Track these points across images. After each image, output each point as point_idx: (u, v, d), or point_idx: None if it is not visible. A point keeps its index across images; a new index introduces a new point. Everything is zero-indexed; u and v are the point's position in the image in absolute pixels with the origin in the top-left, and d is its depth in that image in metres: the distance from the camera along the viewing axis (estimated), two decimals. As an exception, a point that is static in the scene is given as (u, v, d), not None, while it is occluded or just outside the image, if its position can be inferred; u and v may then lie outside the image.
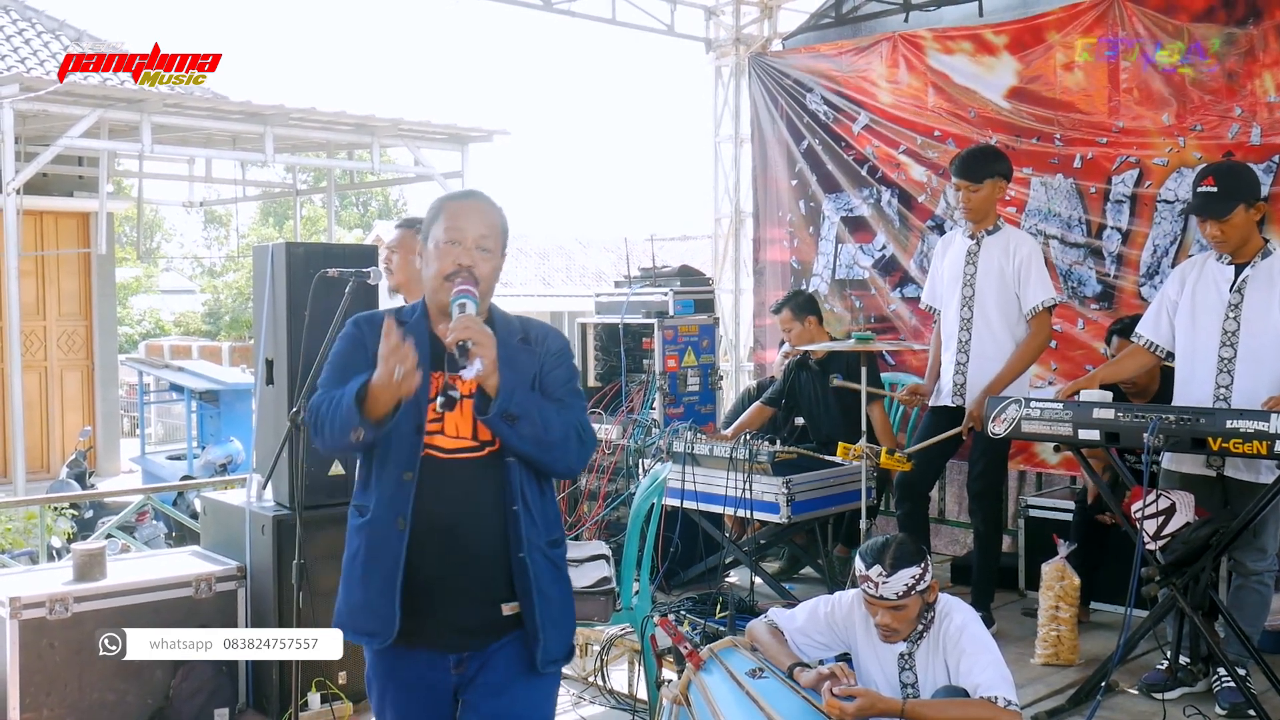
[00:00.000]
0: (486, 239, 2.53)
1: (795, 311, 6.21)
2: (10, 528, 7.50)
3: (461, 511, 2.47)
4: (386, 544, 2.47)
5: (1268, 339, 4.19)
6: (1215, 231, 4.23)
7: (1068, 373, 6.20)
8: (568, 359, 2.64)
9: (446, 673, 2.51)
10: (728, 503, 5.47)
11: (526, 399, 2.44)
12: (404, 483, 2.46)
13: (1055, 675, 4.71)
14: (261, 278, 4.60)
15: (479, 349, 2.34)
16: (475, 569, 2.47)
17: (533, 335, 2.61)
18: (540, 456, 2.49)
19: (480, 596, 2.48)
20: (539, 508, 2.54)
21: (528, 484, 2.51)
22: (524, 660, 2.50)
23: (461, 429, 2.50)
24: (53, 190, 12.82)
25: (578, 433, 2.53)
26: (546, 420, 2.45)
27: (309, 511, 3.80)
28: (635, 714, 4.27)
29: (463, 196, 2.65)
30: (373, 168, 11.45)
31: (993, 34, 6.53)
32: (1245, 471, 4.20)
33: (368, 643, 2.53)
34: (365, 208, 36.56)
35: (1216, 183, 4.21)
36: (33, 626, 4.10)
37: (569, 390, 2.59)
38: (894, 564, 3.24)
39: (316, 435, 2.51)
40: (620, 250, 7.75)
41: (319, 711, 4.37)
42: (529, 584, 2.47)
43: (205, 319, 32.51)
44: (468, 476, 2.49)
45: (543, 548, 2.53)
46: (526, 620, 2.48)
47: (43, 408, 13.26)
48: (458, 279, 2.48)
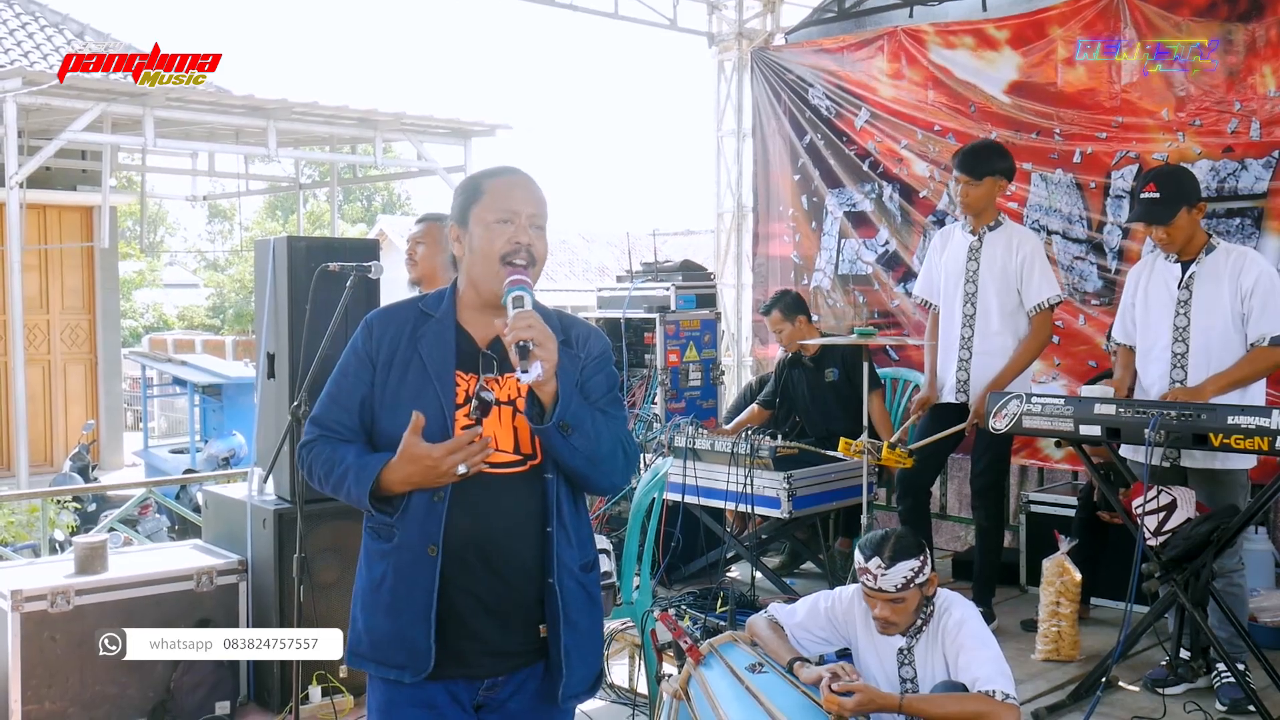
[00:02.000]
0: (538, 216, 2.35)
1: (784, 312, 6.18)
2: (13, 521, 7.51)
3: (496, 530, 2.26)
4: (418, 573, 2.24)
5: (1216, 333, 4.32)
6: (1161, 235, 4.38)
7: (1070, 369, 6.20)
8: (608, 363, 2.45)
9: (474, 695, 2.32)
10: (729, 497, 5.47)
11: (581, 408, 2.25)
12: (434, 505, 2.24)
13: (1056, 671, 4.71)
14: (263, 272, 4.60)
15: (541, 351, 2.14)
16: (513, 591, 2.28)
17: (574, 336, 2.39)
18: (588, 471, 2.29)
19: (516, 619, 2.29)
20: (574, 527, 2.35)
21: (565, 502, 2.33)
22: (550, 690, 2.33)
23: (502, 440, 2.28)
24: (56, 184, 12.82)
25: (623, 447, 2.35)
26: (598, 432, 2.27)
27: (310, 505, 3.81)
28: (635, 708, 4.27)
29: (505, 172, 2.39)
30: (376, 162, 11.44)
31: (995, 29, 6.53)
32: (1202, 460, 4.27)
33: (396, 675, 2.28)
34: (369, 202, 36.56)
35: (1158, 188, 4.35)
36: (34, 619, 4.11)
37: (610, 399, 2.40)
38: (893, 556, 3.25)
39: (310, 478, 2.34)
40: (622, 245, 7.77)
41: (320, 705, 4.38)
42: (557, 612, 2.28)
43: (209, 313, 32.53)
44: (505, 493, 2.28)
45: (575, 572, 2.34)
46: (552, 651, 2.30)
47: (46, 401, 13.27)
48: (516, 258, 2.29)
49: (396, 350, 2.33)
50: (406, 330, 2.35)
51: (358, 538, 4.45)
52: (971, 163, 5.11)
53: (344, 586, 4.41)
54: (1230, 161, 5.68)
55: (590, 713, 4.37)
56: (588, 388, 2.37)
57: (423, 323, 2.36)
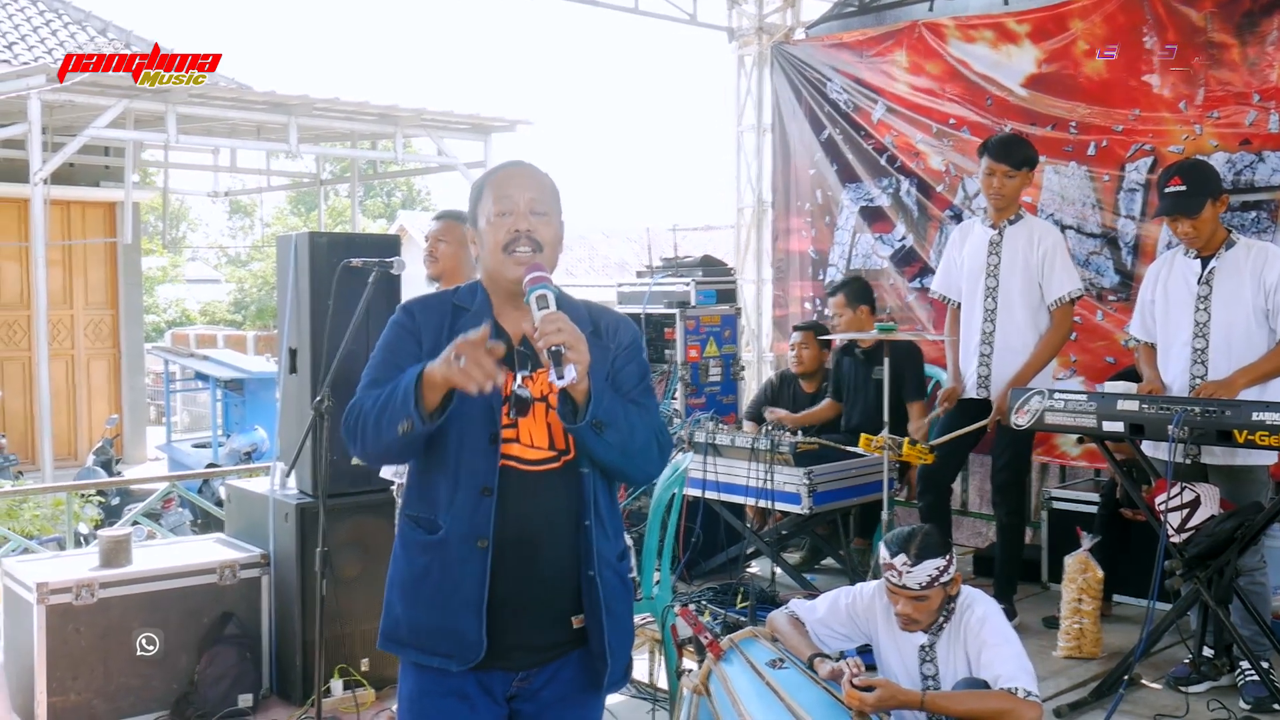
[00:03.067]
0: (538, 202, 2.33)
1: (849, 297, 6.13)
2: (38, 514, 7.57)
3: (537, 526, 2.28)
4: (466, 566, 2.25)
5: (1237, 328, 4.31)
6: (1187, 229, 4.37)
7: (1088, 364, 6.17)
8: (639, 353, 2.44)
9: (508, 687, 2.35)
10: (749, 493, 5.47)
11: (614, 404, 2.25)
12: (483, 499, 2.25)
13: (1077, 668, 4.69)
14: (285, 268, 4.63)
15: (573, 354, 2.11)
16: (549, 586, 2.30)
17: (603, 327, 2.39)
18: (623, 465, 2.31)
19: (553, 612, 2.31)
20: (609, 519, 2.37)
21: (600, 494, 2.34)
22: (587, 679, 2.36)
23: (537, 437, 2.30)
24: (79, 180, 12.92)
25: (657, 437, 2.35)
26: (632, 425, 2.27)
27: (332, 500, 3.83)
28: (655, 703, 4.28)
29: (505, 166, 2.41)
30: (396, 158, 11.47)
31: (1015, 22, 6.50)
32: (1222, 456, 4.25)
33: (441, 663, 2.29)
34: (389, 197, 36.68)
35: (1184, 181, 4.35)
36: (59, 611, 4.15)
37: (642, 389, 2.39)
38: (919, 554, 3.24)
39: (354, 439, 2.30)
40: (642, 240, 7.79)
41: (342, 698, 4.41)
42: (598, 603, 2.30)
43: (231, 308, 32.69)
44: (542, 488, 2.29)
45: (612, 563, 2.37)
46: (594, 641, 2.32)
47: (70, 396, 13.38)
48: (518, 247, 2.29)
49: (438, 342, 2.29)
50: (445, 322, 2.34)
51: (380, 532, 4.53)
52: (1011, 152, 5.07)
53: (365, 580, 4.46)
54: (1247, 154, 5.65)
55: (611, 707, 4.36)
56: (619, 378, 2.37)
57: (459, 317, 2.35)
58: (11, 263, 12.89)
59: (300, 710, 4.33)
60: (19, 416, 12.78)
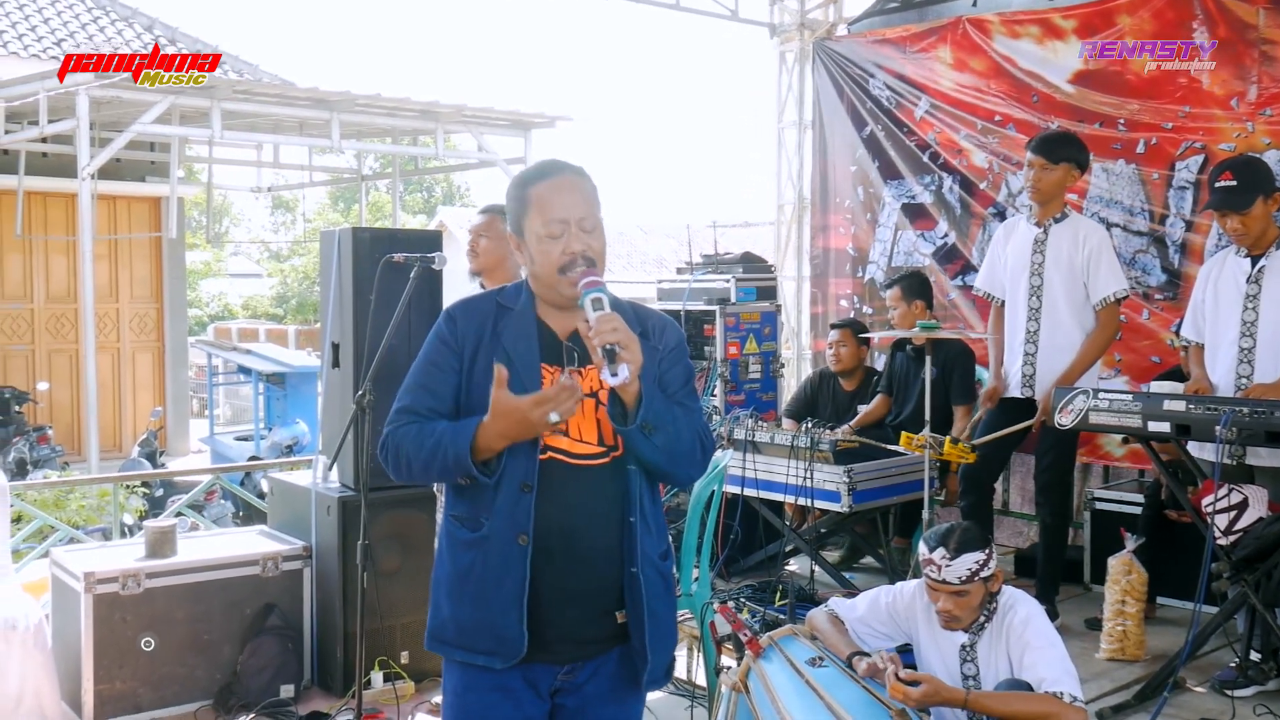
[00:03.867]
0: (588, 219, 2.31)
1: (905, 292, 6.09)
2: (84, 504, 7.67)
3: (582, 520, 2.29)
4: (508, 562, 2.26)
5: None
6: (1236, 224, 4.33)
7: (1132, 365, 6.10)
8: (684, 355, 2.45)
9: (552, 681, 2.36)
10: (788, 491, 5.45)
11: (663, 407, 2.27)
12: (522, 495, 2.26)
13: (1121, 671, 4.65)
14: (328, 262, 4.66)
15: (627, 354, 2.14)
16: (593, 580, 2.31)
17: (650, 328, 2.39)
18: (668, 467, 2.32)
19: (597, 607, 2.32)
20: (653, 516, 2.38)
21: (645, 493, 2.35)
22: (629, 674, 2.37)
23: (586, 432, 2.31)
24: (125, 175, 13.09)
25: (700, 439, 2.37)
26: (679, 429, 2.29)
27: (373, 493, 3.85)
28: (694, 700, 4.28)
29: (547, 175, 2.35)
30: (437, 153, 11.52)
31: (1061, 18, 6.43)
32: (1268, 458, 4.20)
33: (485, 661, 2.31)
34: (429, 193, 36.83)
35: (1235, 176, 4.32)
36: (106, 601, 4.20)
37: (687, 391, 2.41)
38: (958, 548, 3.22)
39: (395, 470, 2.33)
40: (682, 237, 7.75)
41: (382, 690, 4.44)
42: (640, 601, 2.31)
43: (272, 302, 32.97)
44: (588, 484, 2.31)
45: (655, 561, 2.37)
46: (635, 638, 2.33)
47: (115, 388, 13.56)
48: (573, 269, 2.28)
49: (481, 343, 2.33)
50: (489, 324, 2.35)
51: (420, 526, 4.55)
52: (1049, 146, 5.03)
53: (406, 574, 4.49)
54: (1301, 152, 5.55)
55: (650, 704, 4.35)
56: (665, 380, 2.38)
57: (503, 316, 2.36)
58: (59, 256, 13.08)
59: (341, 702, 4.37)
60: (66, 408, 12.97)
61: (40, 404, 12.40)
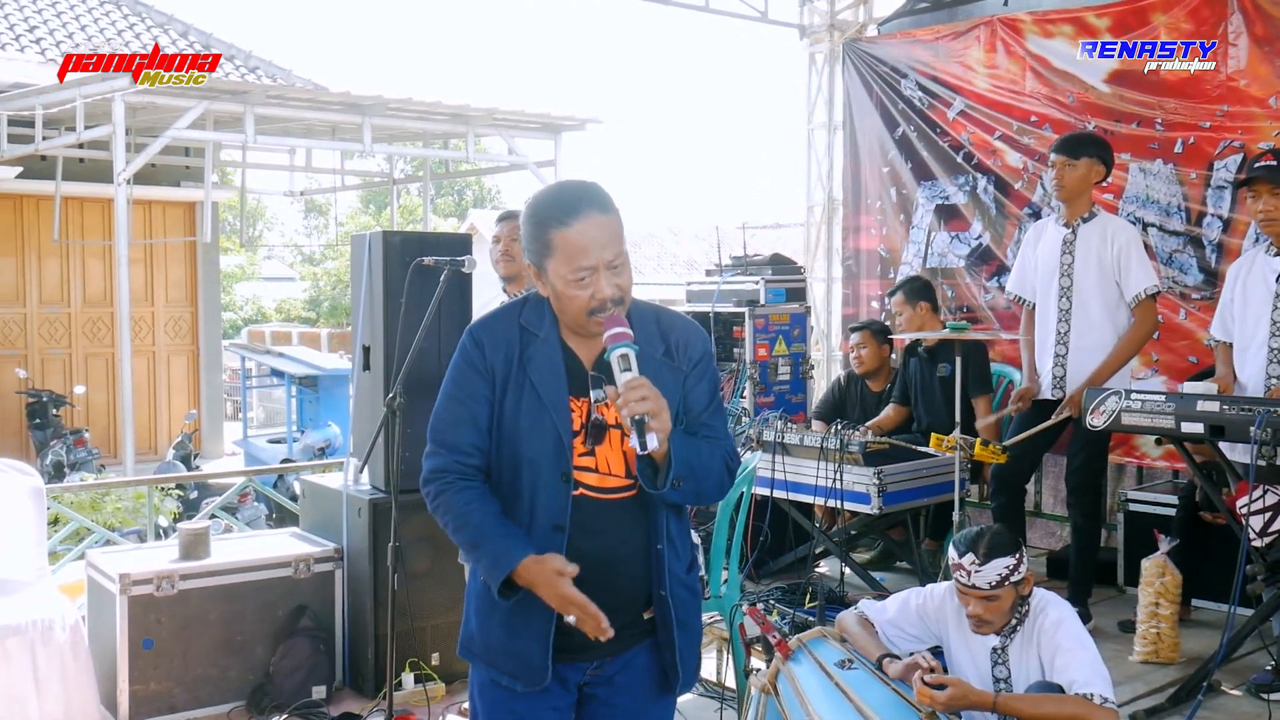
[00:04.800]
0: (616, 257, 2.20)
1: (908, 296, 6.13)
2: (120, 507, 7.75)
3: (610, 551, 2.28)
4: (537, 599, 2.21)
5: None
6: (1269, 205, 4.29)
7: (1169, 364, 6.05)
8: (710, 367, 2.38)
9: (581, 675, 2.37)
10: (818, 492, 5.44)
11: (691, 455, 2.22)
12: (554, 535, 2.23)
13: (1155, 673, 4.61)
14: (359, 266, 4.69)
15: (656, 423, 2.10)
16: (622, 603, 2.28)
17: (673, 344, 2.33)
18: (695, 502, 2.35)
19: (625, 617, 2.28)
20: (679, 538, 2.38)
21: (671, 519, 2.35)
22: (659, 672, 2.38)
23: (614, 465, 2.28)
24: (161, 180, 13.22)
25: (726, 464, 2.33)
26: (707, 469, 2.27)
27: (404, 496, 3.86)
28: (723, 702, 4.27)
29: (570, 215, 2.18)
30: (468, 157, 11.56)
31: (1095, 16, 6.37)
32: None
33: (509, 683, 2.31)
34: (460, 196, 36.98)
35: (1277, 158, 4.31)
36: (141, 602, 4.25)
37: (713, 410, 2.36)
38: (988, 553, 3.20)
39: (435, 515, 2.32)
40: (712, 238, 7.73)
41: (413, 691, 4.46)
42: (669, 619, 2.32)
43: (305, 306, 33.19)
44: (616, 515, 2.29)
45: (682, 578, 2.37)
46: (665, 653, 2.34)
47: (150, 391, 13.70)
48: (605, 313, 2.20)
49: (510, 373, 2.28)
50: (515, 352, 2.28)
51: (451, 529, 4.54)
52: (1069, 144, 5.04)
53: (436, 575, 4.51)
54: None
55: (679, 705, 4.36)
56: (690, 399, 2.33)
57: (530, 343, 2.29)
58: (96, 261, 13.24)
59: (372, 703, 4.39)
60: (102, 411, 13.11)
61: (77, 407, 12.56)
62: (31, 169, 11.50)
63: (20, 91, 10.10)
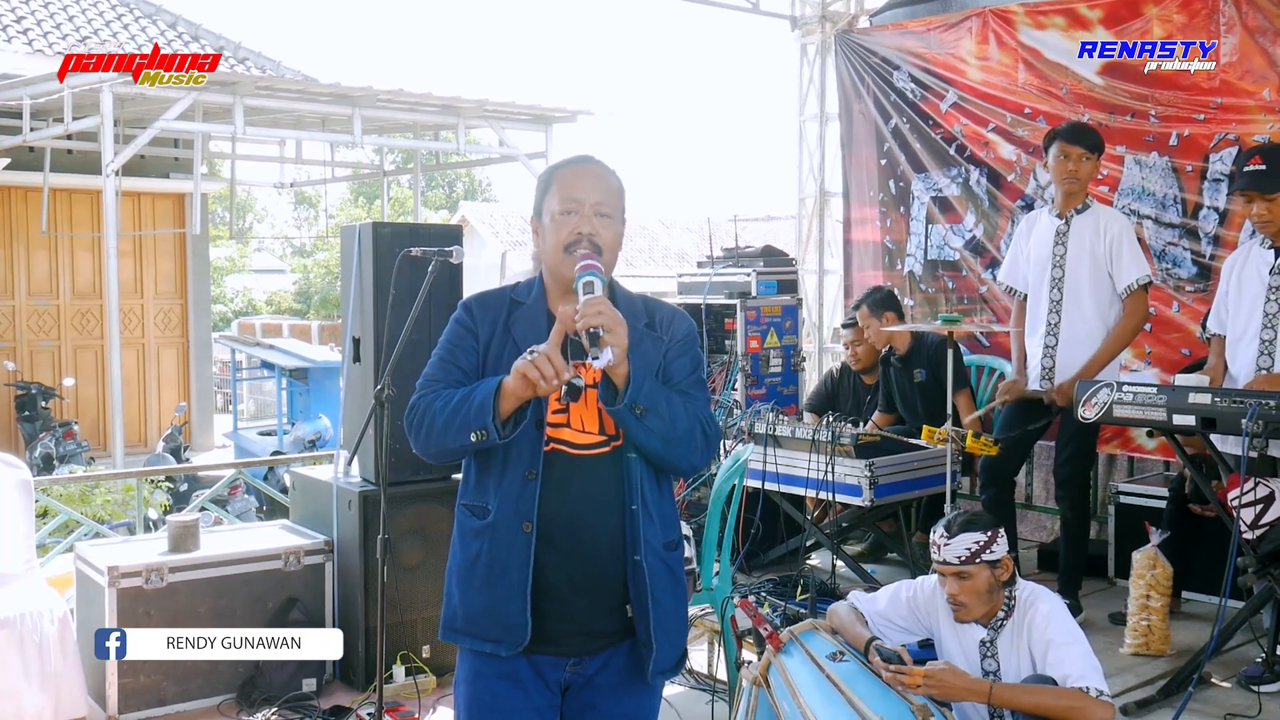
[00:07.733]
0: (604, 204, 2.37)
1: (872, 309, 6.13)
2: (109, 499, 7.73)
3: (584, 510, 2.34)
4: (513, 549, 2.31)
5: None
6: (1261, 210, 4.27)
7: (1163, 356, 6.04)
8: (693, 346, 2.48)
9: (560, 673, 2.40)
10: (809, 485, 5.43)
11: (655, 390, 2.29)
12: (527, 482, 2.31)
13: (1145, 666, 4.61)
14: (349, 258, 4.67)
15: (611, 336, 2.17)
16: (596, 569, 2.34)
17: (658, 319, 2.45)
18: (665, 453, 2.34)
19: (604, 599, 2.35)
20: (657, 506, 2.41)
21: (647, 481, 2.38)
22: (638, 667, 2.39)
23: (588, 423, 2.36)
24: (149, 172, 13.16)
25: (702, 427, 2.38)
26: (674, 414, 2.30)
27: (394, 488, 3.87)
28: (714, 694, 4.27)
29: (574, 162, 2.45)
30: (458, 148, 11.54)
31: (1087, 8, 6.36)
32: None
33: (492, 649, 2.35)
34: (451, 188, 36.93)
35: (1265, 161, 4.27)
36: (130, 595, 4.23)
37: (693, 381, 2.44)
38: (958, 529, 3.22)
39: (418, 436, 2.36)
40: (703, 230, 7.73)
41: (403, 684, 4.45)
42: (644, 590, 2.34)
43: (295, 298, 33.14)
44: (590, 473, 2.35)
45: (659, 550, 2.40)
46: (639, 628, 2.36)
47: (140, 384, 13.65)
48: (579, 249, 2.32)
49: (494, 335, 2.40)
50: (501, 317, 2.42)
51: (440, 520, 4.56)
52: (1089, 138, 5.02)
53: (426, 568, 4.50)
54: (1334, 144, 5.47)
55: (670, 698, 4.37)
56: (670, 369, 2.42)
57: (515, 310, 2.43)
58: (85, 253, 13.18)
59: (363, 696, 4.39)
60: (91, 404, 13.08)
61: (66, 399, 12.51)
62: (19, 160, 11.43)
63: (8, 83, 10.03)
